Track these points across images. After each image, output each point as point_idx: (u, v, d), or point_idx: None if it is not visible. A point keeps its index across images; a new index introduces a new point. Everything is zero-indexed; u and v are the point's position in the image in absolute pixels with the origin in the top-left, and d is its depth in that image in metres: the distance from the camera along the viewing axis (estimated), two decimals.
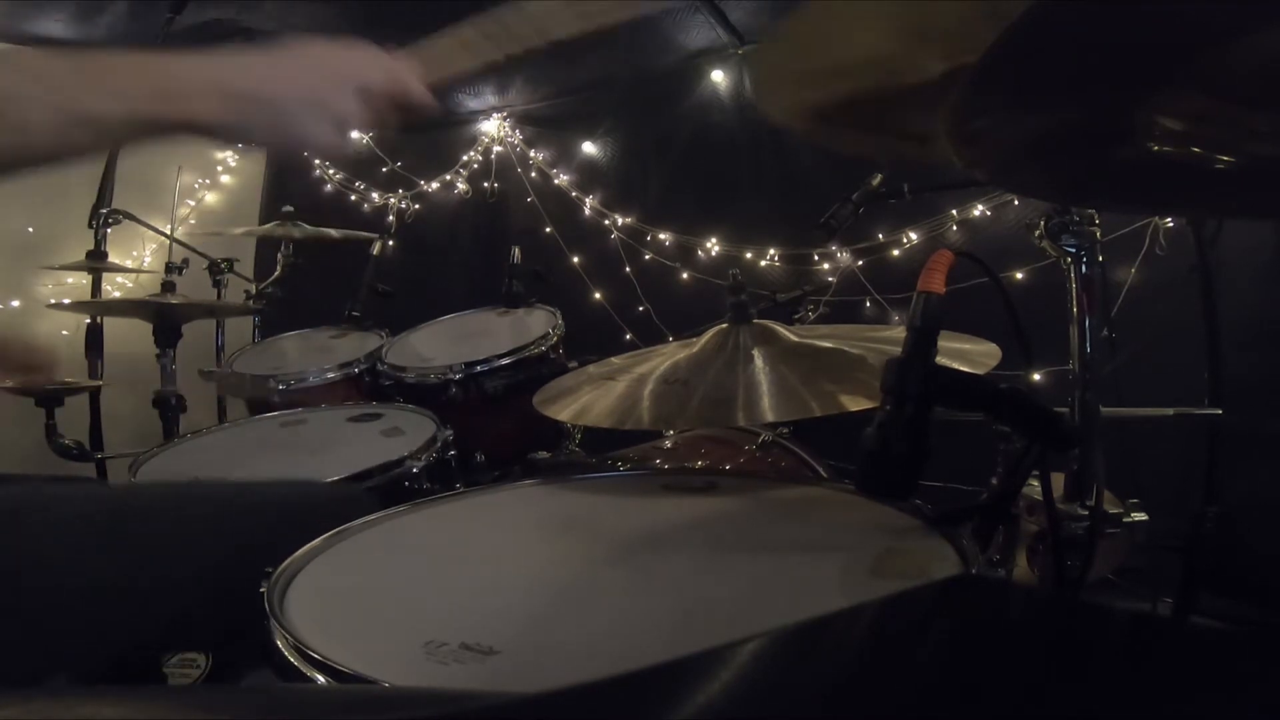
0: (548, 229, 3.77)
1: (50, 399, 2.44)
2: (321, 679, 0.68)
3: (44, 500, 0.97)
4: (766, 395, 1.11)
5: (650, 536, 0.98)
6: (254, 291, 2.90)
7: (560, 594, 0.83)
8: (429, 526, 1.07)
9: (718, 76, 3.32)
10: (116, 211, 2.93)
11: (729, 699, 0.31)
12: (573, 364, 1.94)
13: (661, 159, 3.57)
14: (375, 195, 3.98)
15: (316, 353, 2.43)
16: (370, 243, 2.74)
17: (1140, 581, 1.72)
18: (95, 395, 3.20)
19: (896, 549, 0.88)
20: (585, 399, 1.24)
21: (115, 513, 1.00)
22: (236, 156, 3.85)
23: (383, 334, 2.42)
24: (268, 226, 2.76)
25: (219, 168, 3.81)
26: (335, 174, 3.98)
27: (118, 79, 0.74)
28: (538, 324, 2.22)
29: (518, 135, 3.92)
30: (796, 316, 2.11)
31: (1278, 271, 2.11)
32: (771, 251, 3.14)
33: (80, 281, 3.31)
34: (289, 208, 2.82)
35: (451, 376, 2.00)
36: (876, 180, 1.60)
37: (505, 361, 2.01)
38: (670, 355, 1.31)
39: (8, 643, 0.84)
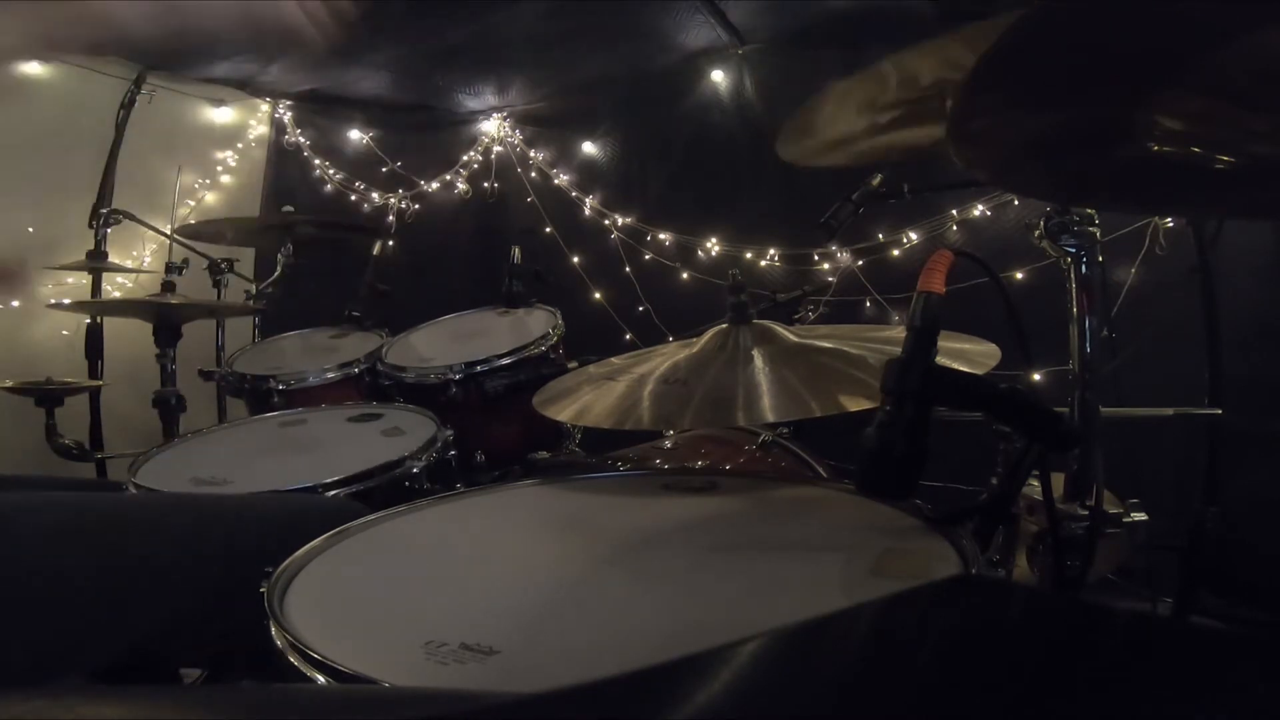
0: (548, 229, 3.77)
1: (50, 399, 2.45)
2: (321, 679, 0.68)
3: (42, 503, 0.97)
4: (766, 395, 1.11)
5: (650, 536, 0.98)
6: (254, 291, 2.90)
7: (560, 594, 0.83)
8: (429, 526, 1.07)
9: (718, 76, 3.32)
10: (116, 211, 2.93)
11: (729, 699, 0.31)
12: (573, 364, 1.94)
13: (661, 159, 3.57)
14: (375, 195, 3.98)
15: (316, 353, 2.43)
16: (370, 243, 2.74)
17: (1140, 581, 1.72)
18: (95, 395, 3.20)
19: (896, 549, 0.88)
20: (585, 399, 1.24)
21: (113, 517, 1.01)
22: (236, 156, 3.85)
23: (383, 334, 2.42)
24: (282, 214, 2.75)
25: (219, 168, 3.81)
26: (335, 174, 3.98)
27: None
28: (538, 324, 2.22)
29: (518, 135, 3.92)
30: (796, 316, 2.11)
31: (1278, 271, 2.11)
32: (771, 251, 3.14)
33: (80, 281, 3.30)
34: (289, 207, 2.82)
35: (451, 376, 2.00)
36: (876, 180, 1.60)
37: (505, 361, 2.01)
38: (670, 355, 1.31)
39: (8, 645, 0.84)
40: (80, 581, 0.91)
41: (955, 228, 2.73)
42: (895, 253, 2.86)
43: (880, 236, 2.87)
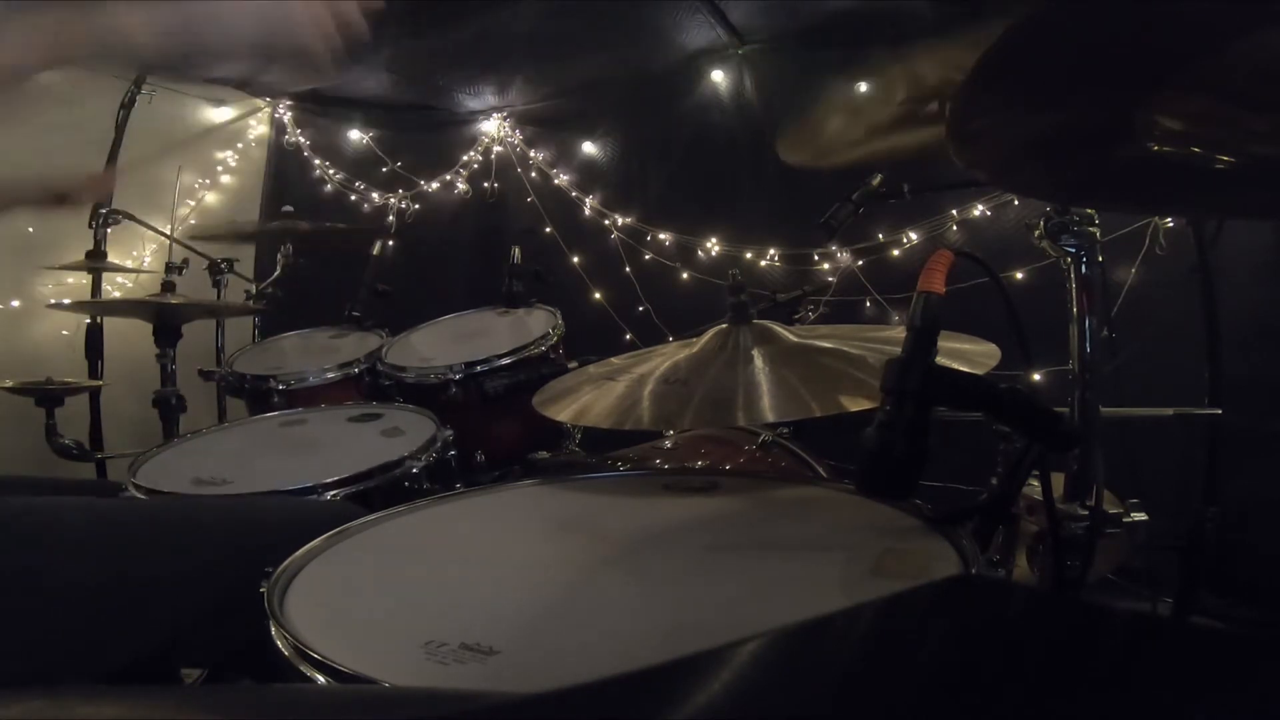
0: (548, 229, 3.77)
1: (50, 399, 2.45)
2: (321, 679, 0.68)
3: (47, 510, 0.97)
4: (766, 395, 1.11)
5: (650, 536, 0.98)
6: (254, 291, 2.90)
7: (560, 594, 0.83)
8: (429, 526, 1.07)
9: (718, 76, 3.32)
10: (116, 211, 2.92)
11: (729, 699, 0.31)
12: (573, 364, 1.94)
13: (661, 159, 3.57)
14: (375, 195, 3.98)
15: (316, 353, 2.43)
16: (370, 243, 2.74)
17: (1140, 581, 1.72)
18: (95, 395, 3.20)
19: (896, 549, 0.88)
20: (585, 399, 1.24)
21: (116, 523, 1.01)
22: (236, 156, 3.85)
23: (383, 334, 2.42)
24: (274, 224, 2.76)
25: (219, 168, 3.81)
26: (335, 174, 3.98)
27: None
28: (538, 324, 2.22)
29: (518, 135, 3.92)
30: (796, 316, 2.11)
31: (1278, 271, 2.11)
32: (771, 251, 3.14)
33: (80, 281, 3.31)
34: (289, 207, 2.82)
35: (451, 376, 2.00)
36: (876, 180, 1.60)
37: (505, 361, 2.01)
38: (670, 355, 1.31)
39: (12, 649, 0.84)
40: (87, 589, 0.91)
41: (955, 228, 2.73)
42: (895, 253, 2.86)
43: (880, 236, 2.87)
